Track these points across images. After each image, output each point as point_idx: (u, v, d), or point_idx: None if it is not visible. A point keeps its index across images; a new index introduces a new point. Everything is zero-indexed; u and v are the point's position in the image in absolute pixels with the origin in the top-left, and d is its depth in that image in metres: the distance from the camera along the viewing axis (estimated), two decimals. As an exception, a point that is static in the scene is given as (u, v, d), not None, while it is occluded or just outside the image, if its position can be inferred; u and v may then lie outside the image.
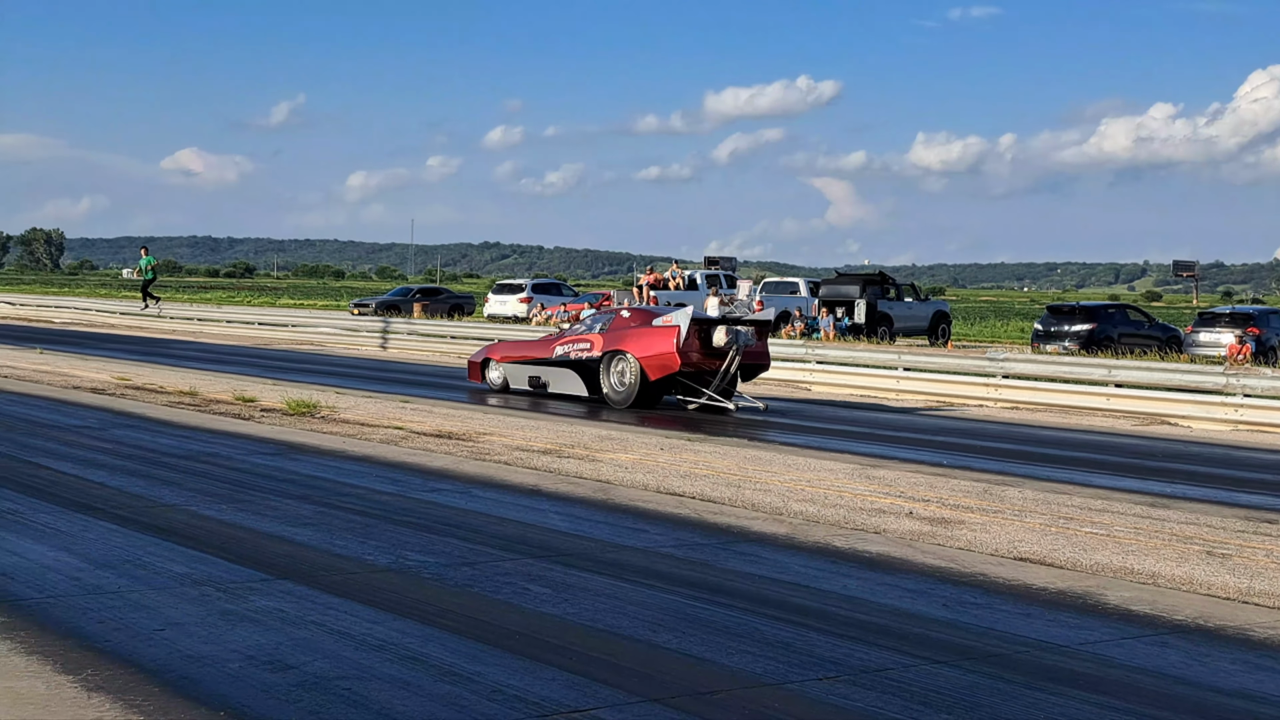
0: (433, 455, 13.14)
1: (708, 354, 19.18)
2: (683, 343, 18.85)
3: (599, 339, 19.90)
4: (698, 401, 19.55)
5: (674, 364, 18.90)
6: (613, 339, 19.67)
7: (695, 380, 19.44)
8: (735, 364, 19.24)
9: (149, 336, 37.90)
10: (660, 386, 19.43)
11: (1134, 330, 35.79)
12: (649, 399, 19.43)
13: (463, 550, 8.54)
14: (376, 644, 6.25)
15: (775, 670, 6.07)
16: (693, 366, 19.13)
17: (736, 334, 19.10)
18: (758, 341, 19.67)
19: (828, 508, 10.70)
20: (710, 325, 19.21)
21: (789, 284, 46.47)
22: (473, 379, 22.15)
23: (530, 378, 20.96)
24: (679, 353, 18.82)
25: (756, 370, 20.14)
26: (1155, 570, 8.63)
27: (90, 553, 8.08)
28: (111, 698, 5.34)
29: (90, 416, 15.65)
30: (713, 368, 19.28)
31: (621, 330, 19.73)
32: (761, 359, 19.94)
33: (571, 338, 20.55)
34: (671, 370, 19.01)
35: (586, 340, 20.10)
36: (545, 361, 20.67)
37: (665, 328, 19.15)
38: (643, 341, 19.25)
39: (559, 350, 20.48)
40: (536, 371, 20.86)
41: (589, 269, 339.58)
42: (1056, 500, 11.50)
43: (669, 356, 18.90)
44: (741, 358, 19.26)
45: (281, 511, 9.73)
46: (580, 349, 20.10)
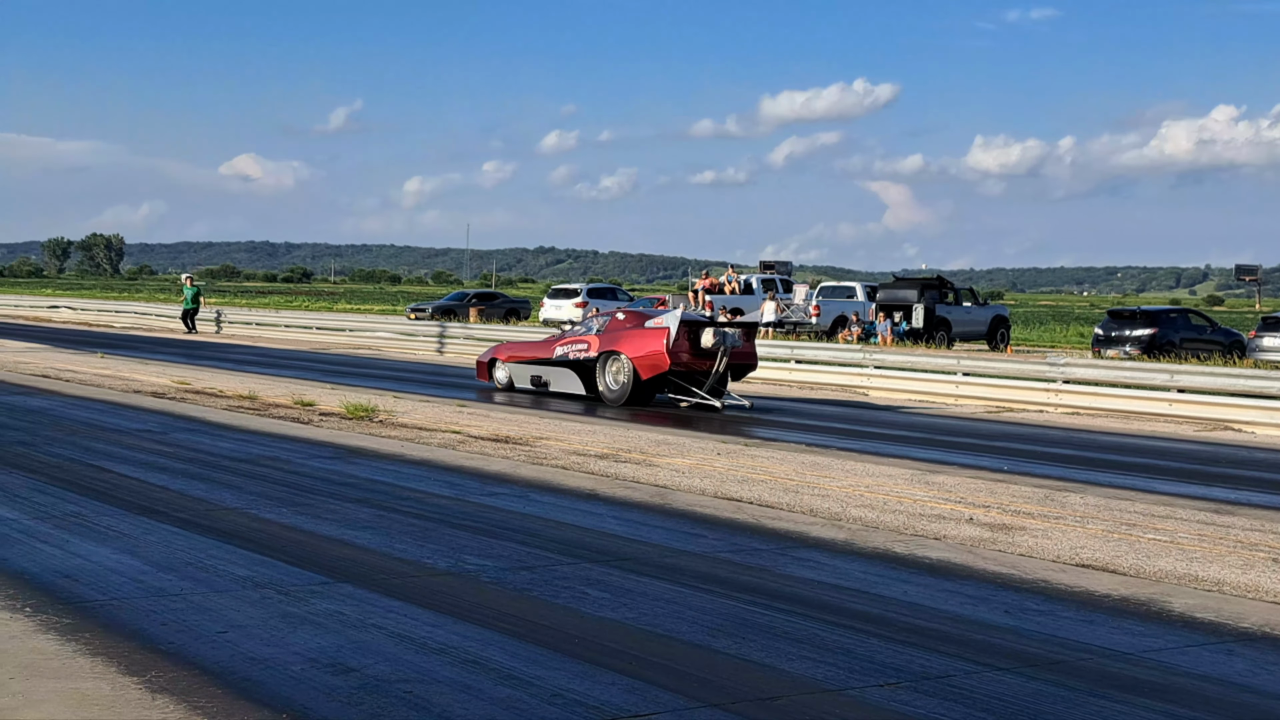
0: (490, 459, 13.18)
1: (697, 354, 20.06)
2: (672, 344, 19.81)
3: (595, 340, 20.84)
4: (689, 400, 20.36)
5: (664, 364, 19.85)
6: (608, 340, 20.64)
7: (686, 379, 20.29)
8: (724, 364, 20.06)
9: (208, 341, 38.29)
10: (652, 385, 20.33)
11: (1196, 335, 35.35)
12: (642, 397, 20.34)
13: (521, 554, 8.56)
14: (437, 647, 6.27)
15: (835, 676, 6.04)
16: (683, 366, 20.04)
17: (724, 335, 20.03)
18: (745, 343, 20.56)
19: (887, 513, 10.64)
20: (699, 327, 20.19)
21: (846, 288, 46.28)
22: (481, 378, 23.14)
23: (533, 377, 21.93)
24: (669, 353, 19.80)
25: (744, 370, 20.97)
26: (1220, 577, 8.52)
27: (153, 555, 8.16)
28: (175, 699, 5.39)
29: (151, 420, 15.82)
30: (703, 368, 20.16)
31: (616, 332, 20.72)
32: (749, 359, 20.78)
33: (570, 339, 21.53)
34: (662, 370, 19.94)
35: (584, 341, 21.05)
36: (546, 361, 21.64)
37: (656, 329, 20.16)
38: (635, 342, 20.23)
39: (559, 351, 21.44)
40: (538, 371, 21.82)
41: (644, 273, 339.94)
42: (1118, 506, 11.39)
43: (659, 356, 19.86)
44: (730, 358, 20.12)
45: (341, 515, 9.79)
46: (578, 350, 21.04)
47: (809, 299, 43.69)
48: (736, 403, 20.48)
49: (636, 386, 20.10)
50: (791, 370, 27.48)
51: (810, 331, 41.65)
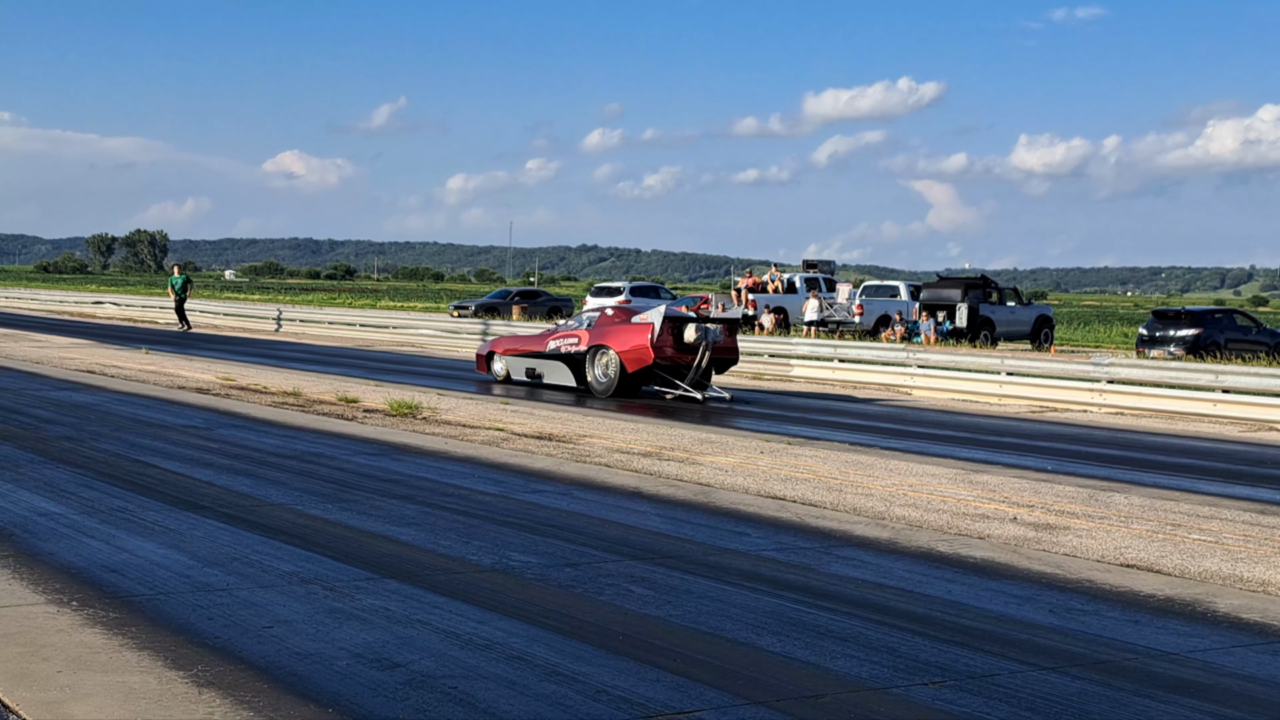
0: (534, 457, 13.22)
1: (680, 349, 20.99)
2: (656, 338, 20.71)
3: (585, 335, 21.80)
4: (674, 392, 21.22)
5: (648, 357, 20.75)
6: (597, 335, 21.58)
7: (671, 372, 21.21)
8: (706, 358, 20.94)
9: (252, 338, 38.54)
10: (638, 378, 21.20)
11: (1241, 335, 35.04)
12: (629, 389, 21.25)
13: (565, 551, 8.58)
14: (482, 643, 6.29)
15: (880, 674, 6.03)
16: (667, 360, 20.95)
17: (706, 330, 20.94)
18: (726, 338, 21.40)
19: (930, 513, 10.60)
20: (682, 323, 21.03)
21: (889, 288, 46.11)
22: (480, 370, 24.08)
23: (527, 369, 22.92)
24: (653, 347, 20.71)
25: (727, 364, 21.87)
26: (1266, 578, 8.45)
27: (198, 550, 8.23)
28: (222, 694, 5.43)
29: (196, 416, 15.95)
30: (686, 361, 21.06)
31: (604, 327, 21.65)
32: (730, 353, 21.65)
33: (562, 333, 22.48)
34: (646, 363, 20.83)
35: (575, 336, 22.01)
36: (540, 355, 22.61)
37: (641, 325, 21.03)
38: (622, 337, 21.15)
39: (552, 345, 22.41)
40: (532, 364, 22.83)
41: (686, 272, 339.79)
42: (1163, 507, 11.31)
43: (644, 350, 20.77)
44: (711, 352, 21.00)
45: (386, 511, 9.85)
46: (569, 344, 22.01)
47: (852, 298, 43.55)
48: (717, 395, 21.39)
49: (623, 379, 20.99)
50: (835, 369, 27.42)
51: (854, 331, 41.52)
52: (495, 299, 54.04)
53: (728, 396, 21.52)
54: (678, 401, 20.82)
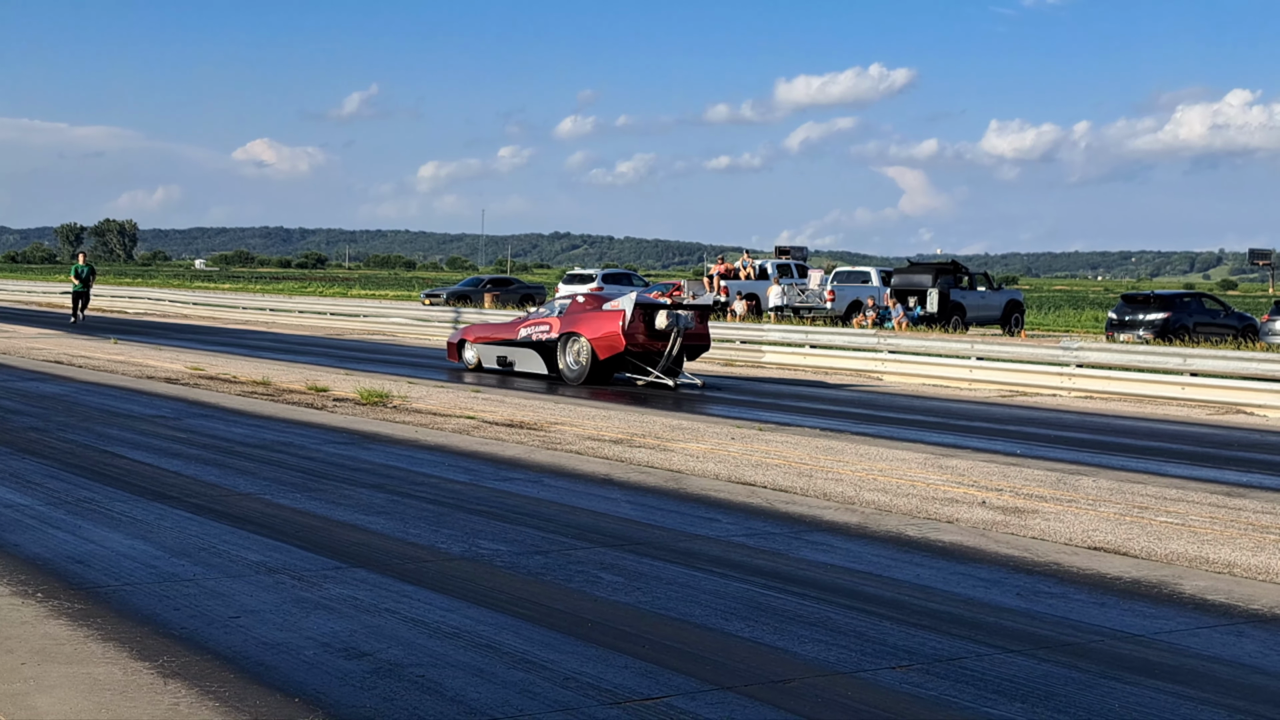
0: (505, 445, 13.20)
1: (652, 336, 20.95)
2: (628, 325, 20.71)
3: (557, 322, 21.75)
4: (645, 379, 21.25)
5: (620, 344, 20.74)
6: (568, 322, 21.54)
7: (642, 359, 21.17)
8: (677, 345, 20.96)
9: (222, 327, 38.37)
10: (610, 365, 21.25)
11: (1209, 319, 35.23)
12: (601, 376, 21.27)
13: (535, 539, 8.58)
14: (450, 632, 6.29)
15: (848, 659, 6.05)
16: (639, 347, 20.91)
17: (677, 317, 20.87)
18: (698, 324, 21.40)
19: (900, 497, 10.64)
20: (653, 310, 20.92)
21: (860, 273, 46.17)
22: (451, 358, 24.06)
23: (498, 357, 22.87)
24: (624, 334, 20.70)
25: (698, 350, 21.86)
26: (1231, 559, 8.51)
27: (166, 541, 8.19)
28: (187, 684, 5.41)
29: (165, 406, 15.87)
30: (658, 348, 21.00)
31: (576, 314, 21.62)
32: (702, 340, 21.68)
33: (534, 321, 22.41)
34: (618, 350, 20.81)
35: (546, 323, 21.95)
36: (511, 342, 22.55)
37: (613, 312, 21.06)
38: (593, 324, 21.16)
39: (523, 332, 22.33)
40: (504, 351, 22.77)
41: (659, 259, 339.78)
42: (1131, 489, 11.37)
43: (615, 337, 20.77)
44: (683, 339, 20.99)
45: (355, 500, 9.82)
46: (541, 331, 21.94)
47: (824, 284, 43.62)
48: (689, 381, 21.43)
49: (595, 366, 21.00)
50: (806, 355, 27.46)
51: (825, 316, 41.59)
52: (467, 287, 53.90)
53: (699, 383, 21.52)
54: (649, 388, 20.83)
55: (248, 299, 48.53)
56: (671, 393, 20.28)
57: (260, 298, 49.44)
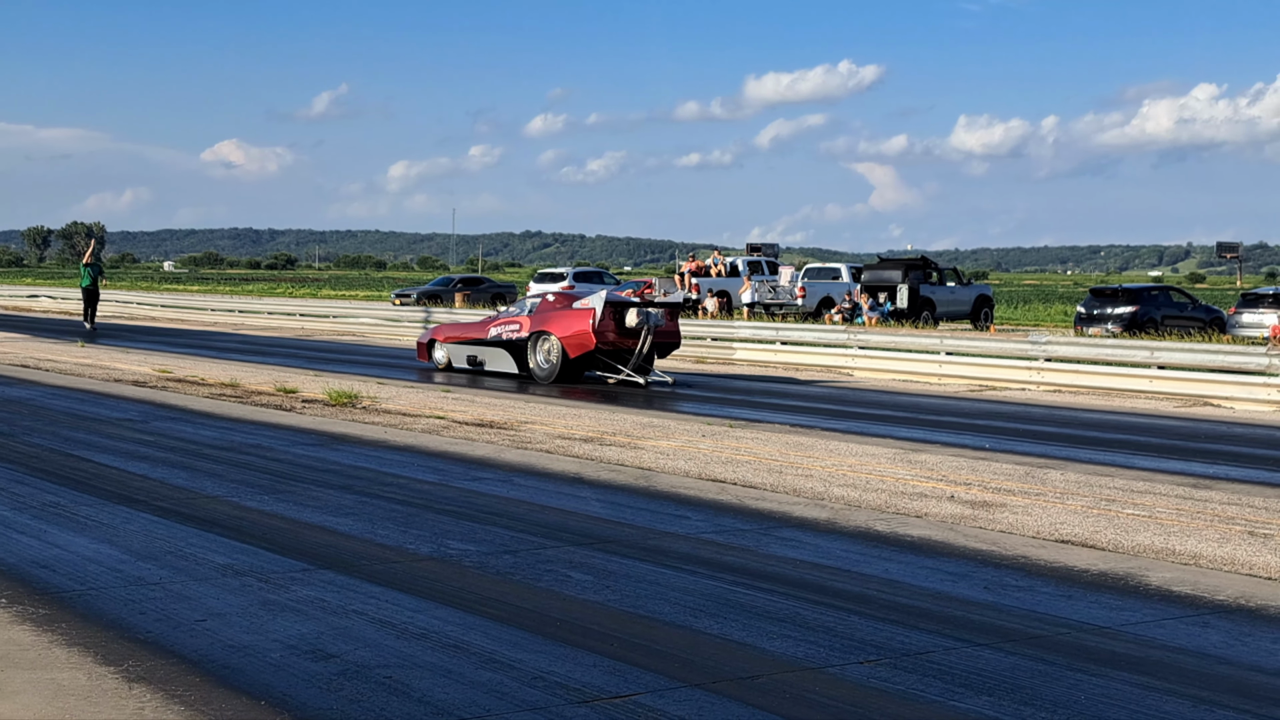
0: (474, 444, 13.18)
1: (622, 334, 20.90)
2: (598, 323, 20.62)
3: (527, 321, 21.66)
4: (616, 377, 21.21)
5: (590, 342, 20.66)
6: (538, 321, 21.43)
7: (613, 357, 21.17)
8: (648, 343, 20.94)
9: (190, 329, 38.18)
10: (580, 363, 21.16)
11: (1177, 312, 35.46)
12: (571, 375, 21.17)
13: (505, 538, 8.56)
14: (418, 632, 6.27)
15: (817, 654, 6.06)
16: (609, 345, 20.86)
17: (647, 315, 20.86)
18: (668, 321, 21.41)
19: (869, 492, 10.66)
20: (624, 308, 20.96)
21: (831, 269, 46.31)
22: (421, 358, 23.98)
23: (468, 356, 22.70)
24: (594, 332, 20.61)
25: (669, 348, 21.83)
26: (1197, 551, 8.56)
27: (132, 544, 8.15)
28: (153, 688, 5.38)
29: (132, 409, 15.78)
30: (628, 346, 20.96)
31: (546, 313, 21.50)
32: (672, 337, 21.64)
33: (504, 320, 22.29)
34: (589, 348, 20.75)
35: (516, 322, 21.86)
36: (481, 342, 22.45)
37: (583, 310, 20.95)
38: (563, 323, 21.05)
39: (493, 331, 22.20)
40: (474, 351, 22.62)
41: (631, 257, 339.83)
42: (1099, 482, 11.43)
43: (585, 336, 20.69)
44: (654, 336, 20.98)
45: (323, 502, 9.78)
46: (511, 330, 21.85)
47: (795, 281, 43.72)
48: (660, 379, 21.39)
49: (565, 364, 20.90)
50: (777, 352, 27.50)
51: (796, 313, 41.68)
52: (438, 286, 53.80)
53: (670, 380, 21.52)
54: (620, 386, 20.81)
55: (216, 301, 48.31)
56: (642, 390, 20.27)
57: (229, 299, 49.21)
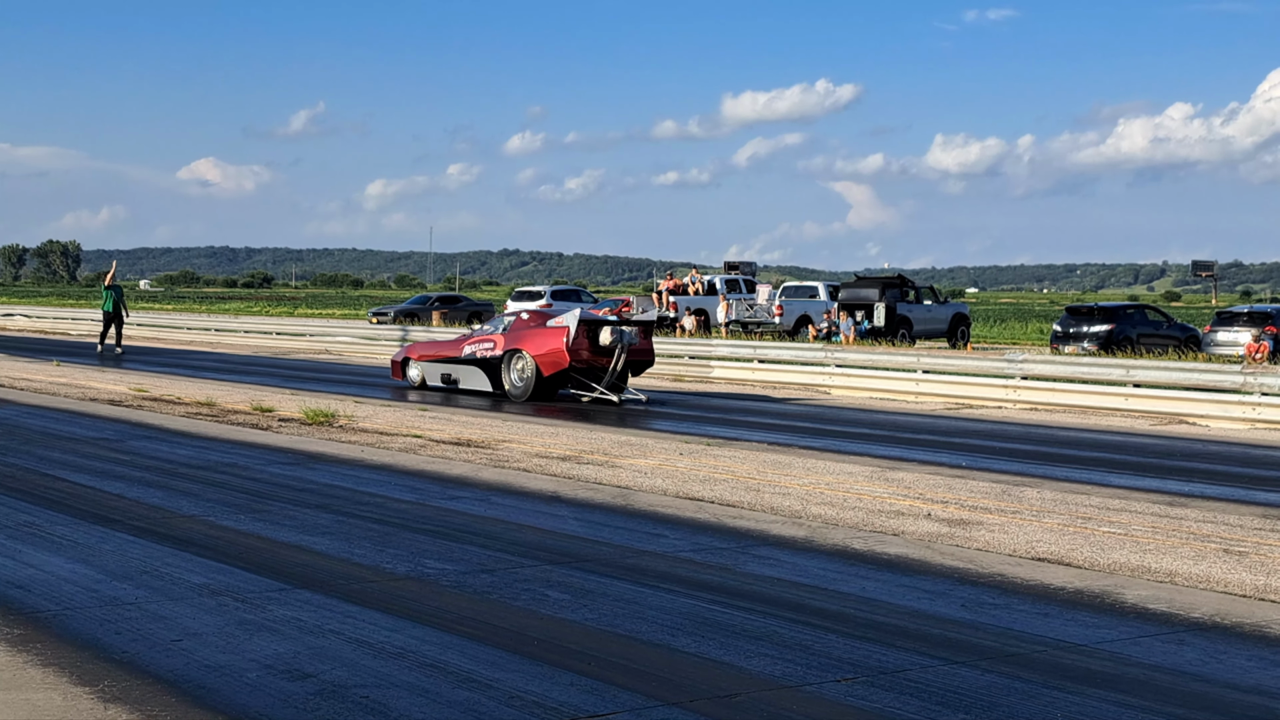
0: (451, 463, 13.16)
1: (596, 351, 20.95)
2: (572, 341, 20.63)
3: (501, 339, 21.67)
4: (590, 395, 21.18)
5: (564, 360, 20.68)
6: (512, 339, 21.47)
7: (587, 375, 21.14)
8: (621, 360, 20.99)
9: (166, 348, 38.03)
10: (554, 381, 21.17)
11: (1153, 330, 35.64)
12: (545, 393, 21.15)
13: (482, 557, 8.55)
14: (395, 652, 6.26)
15: (794, 672, 6.07)
16: (583, 363, 20.89)
17: (621, 333, 20.91)
18: (642, 340, 21.45)
19: (846, 510, 10.68)
20: (597, 326, 21.02)
21: (808, 288, 46.43)
22: (395, 376, 23.93)
23: (443, 375, 22.69)
24: (568, 350, 20.62)
25: (643, 366, 21.88)
26: (1173, 568, 8.60)
27: (108, 564, 8.11)
28: (129, 708, 5.36)
29: (107, 428, 15.72)
30: (602, 364, 21.03)
31: (520, 331, 21.55)
32: (646, 355, 21.71)
33: (478, 338, 22.31)
34: (562, 366, 20.76)
35: (490, 340, 21.86)
36: (456, 360, 22.43)
37: (556, 328, 20.97)
38: (537, 341, 21.09)
39: (467, 350, 22.20)
40: (448, 369, 22.59)
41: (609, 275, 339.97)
42: (1075, 500, 11.47)
43: (559, 354, 20.70)
44: (627, 354, 21.04)
45: (300, 521, 9.76)
46: (485, 348, 21.85)
47: (772, 299, 43.82)
48: (633, 397, 21.37)
49: (539, 383, 20.91)
50: (755, 370, 27.54)
51: (774, 331, 41.76)
52: (415, 305, 53.76)
53: (643, 398, 21.55)
54: (595, 405, 20.79)
55: (193, 319, 48.15)
56: (616, 409, 20.26)
57: (205, 318, 49.06)
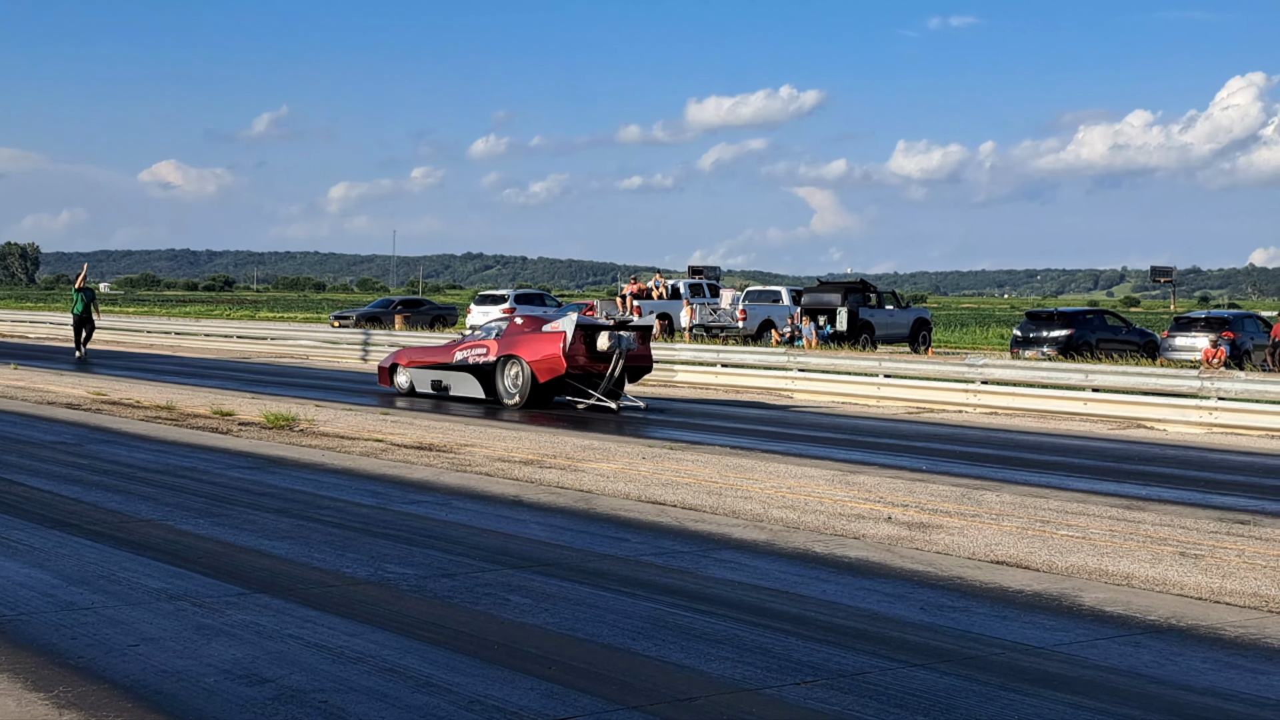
0: (413, 467, 13.12)
1: (593, 357, 20.45)
2: (569, 347, 20.13)
3: (494, 345, 21.15)
4: (587, 402, 20.70)
5: (561, 367, 20.17)
6: (506, 345, 20.96)
7: (583, 382, 20.65)
8: (619, 366, 20.52)
9: (126, 351, 37.77)
10: (550, 388, 20.66)
11: (1112, 335, 35.90)
12: (540, 400, 20.69)
13: (443, 562, 8.53)
14: (354, 656, 6.24)
15: (753, 675, 6.08)
16: (580, 369, 20.39)
17: (619, 339, 20.46)
18: (640, 345, 20.96)
19: (808, 514, 10.71)
20: (595, 331, 20.46)
21: (772, 292, 46.51)
22: (383, 383, 23.26)
23: (433, 381, 22.15)
24: (565, 356, 20.11)
25: (640, 372, 21.42)
26: (1130, 571, 8.67)
27: (64, 569, 8.05)
28: (84, 714, 5.32)
29: (65, 432, 15.60)
30: (599, 370, 20.55)
31: (514, 336, 21.02)
32: (644, 361, 21.20)
33: (470, 344, 21.74)
34: (559, 373, 20.25)
35: (484, 346, 21.32)
36: (447, 366, 21.88)
37: (553, 334, 20.44)
38: (533, 347, 20.55)
39: (459, 355, 21.68)
40: (439, 375, 22.08)
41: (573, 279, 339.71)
42: (1034, 504, 11.55)
43: (556, 360, 20.17)
44: (625, 360, 20.56)
45: (259, 525, 9.71)
46: (478, 354, 21.32)
47: (736, 303, 43.90)
48: (632, 404, 20.95)
49: (534, 389, 20.48)
50: (718, 374, 27.58)
51: (737, 335, 41.83)
52: (377, 308, 53.58)
53: (643, 405, 21.01)
54: (591, 411, 20.33)
55: (153, 322, 47.82)
56: (614, 415, 19.83)
57: (166, 321, 48.75)
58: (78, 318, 32.17)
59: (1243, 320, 35.30)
